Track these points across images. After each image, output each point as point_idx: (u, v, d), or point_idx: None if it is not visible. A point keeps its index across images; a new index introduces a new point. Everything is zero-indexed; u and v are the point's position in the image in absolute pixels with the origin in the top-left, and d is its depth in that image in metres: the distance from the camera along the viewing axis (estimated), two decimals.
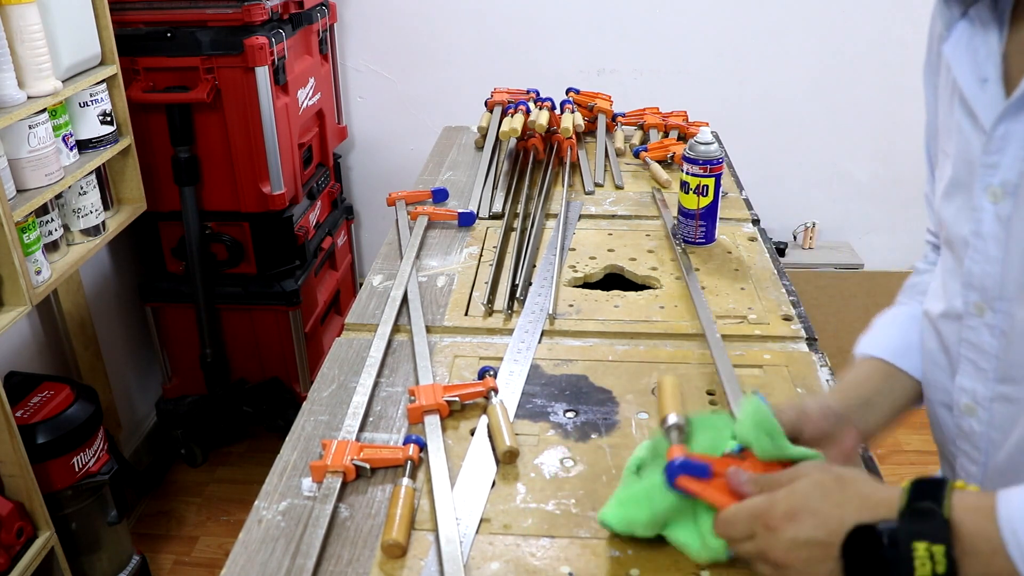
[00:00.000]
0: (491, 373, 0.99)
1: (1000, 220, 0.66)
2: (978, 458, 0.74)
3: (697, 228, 1.34)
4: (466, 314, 1.16)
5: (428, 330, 1.11)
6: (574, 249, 1.35)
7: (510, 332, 1.11)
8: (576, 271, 1.28)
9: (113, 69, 1.75)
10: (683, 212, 1.35)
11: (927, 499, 0.58)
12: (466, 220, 1.43)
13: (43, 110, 1.52)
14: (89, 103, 1.69)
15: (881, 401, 0.81)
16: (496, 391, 0.95)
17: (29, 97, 1.48)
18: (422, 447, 0.88)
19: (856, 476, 0.64)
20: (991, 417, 0.71)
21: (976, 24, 0.70)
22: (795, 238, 2.71)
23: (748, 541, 0.64)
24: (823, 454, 0.73)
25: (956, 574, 0.55)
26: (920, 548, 0.56)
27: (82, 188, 1.68)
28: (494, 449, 0.88)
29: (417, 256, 1.31)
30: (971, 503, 0.57)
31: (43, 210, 1.57)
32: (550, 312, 1.15)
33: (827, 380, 1.00)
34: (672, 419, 0.73)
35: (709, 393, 0.98)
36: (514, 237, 1.36)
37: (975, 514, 0.56)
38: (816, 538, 0.60)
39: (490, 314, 1.16)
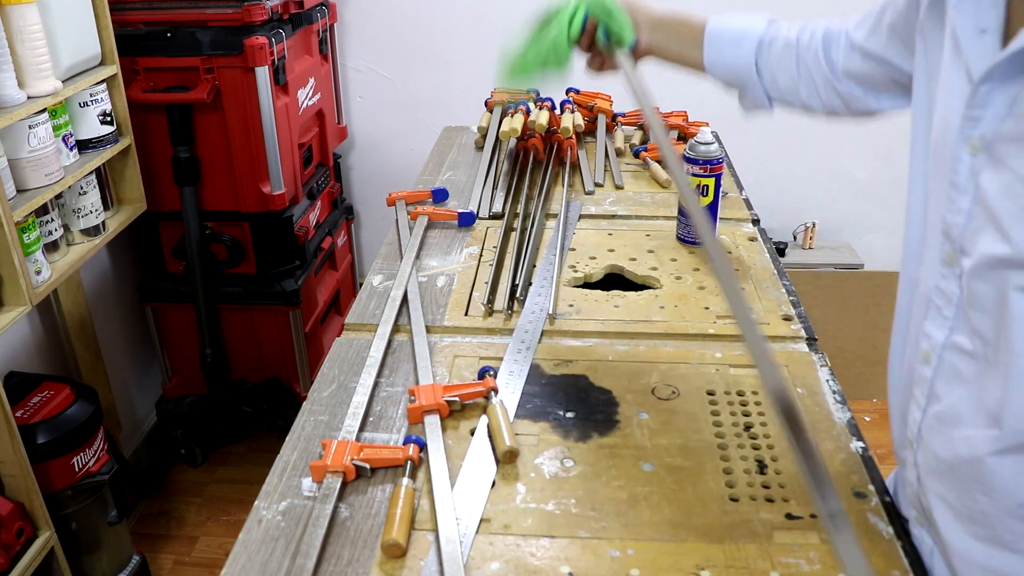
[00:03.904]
0: (491, 373, 0.99)
1: (973, 173, 0.67)
2: (923, 404, 0.74)
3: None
4: (466, 314, 1.16)
5: (428, 330, 1.11)
6: (574, 249, 1.35)
7: (510, 332, 1.11)
8: (576, 271, 1.28)
9: (113, 69, 1.75)
10: (683, 212, 1.35)
11: None
12: (466, 220, 1.43)
13: (43, 110, 1.52)
14: (89, 103, 1.69)
15: (672, 55, 1.22)
16: (496, 391, 0.95)
17: (29, 97, 1.48)
18: (422, 447, 0.88)
19: None
20: (940, 365, 0.72)
21: None
22: (795, 238, 2.71)
23: None
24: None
25: None
26: None
27: (82, 188, 1.68)
28: (494, 449, 0.88)
29: (417, 256, 1.31)
30: None
31: (43, 210, 1.57)
32: (550, 312, 1.15)
33: (827, 380, 1.00)
34: None
35: (709, 393, 0.98)
36: (514, 237, 1.36)
37: None
38: None
39: (490, 314, 1.16)
